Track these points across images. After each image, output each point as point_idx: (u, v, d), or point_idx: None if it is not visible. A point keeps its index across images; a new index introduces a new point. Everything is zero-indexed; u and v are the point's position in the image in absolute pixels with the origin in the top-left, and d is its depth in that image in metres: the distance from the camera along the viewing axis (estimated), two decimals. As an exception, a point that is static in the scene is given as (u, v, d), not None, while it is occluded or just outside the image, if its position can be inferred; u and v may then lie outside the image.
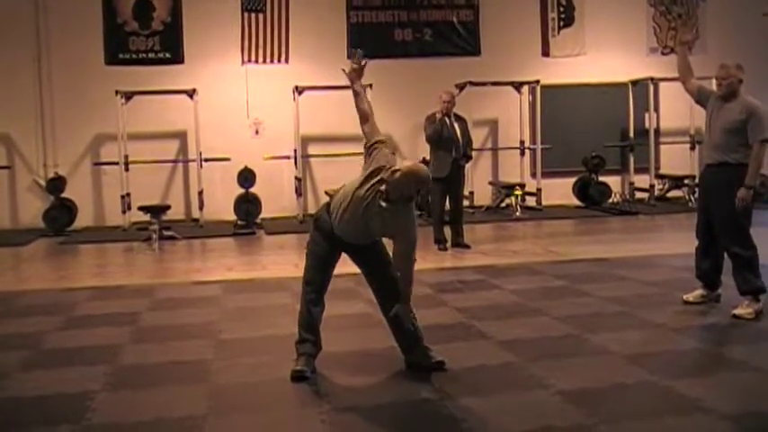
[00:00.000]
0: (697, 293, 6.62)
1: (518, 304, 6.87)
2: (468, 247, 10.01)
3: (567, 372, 4.94)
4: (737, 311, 6.08)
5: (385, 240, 5.03)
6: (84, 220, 13.32)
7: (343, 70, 5.24)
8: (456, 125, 9.94)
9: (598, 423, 4.10)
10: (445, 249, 9.93)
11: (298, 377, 4.90)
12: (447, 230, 10.08)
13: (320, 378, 4.95)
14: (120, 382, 5.00)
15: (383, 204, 4.65)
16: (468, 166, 10.80)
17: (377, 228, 4.77)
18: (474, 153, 11.48)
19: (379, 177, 4.69)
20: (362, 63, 5.12)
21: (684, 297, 6.66)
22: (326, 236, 4.96)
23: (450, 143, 9.83)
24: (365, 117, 4.99)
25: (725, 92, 6.23)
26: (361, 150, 5.06)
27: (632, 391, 4.61)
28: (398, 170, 4.58)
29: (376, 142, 4.88)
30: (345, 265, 5.18)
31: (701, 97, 6.59)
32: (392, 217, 4.68)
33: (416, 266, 4.90)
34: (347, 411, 4.41)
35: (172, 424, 4.28)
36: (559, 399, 4.47)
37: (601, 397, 4.52)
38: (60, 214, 12.81)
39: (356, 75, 5.10)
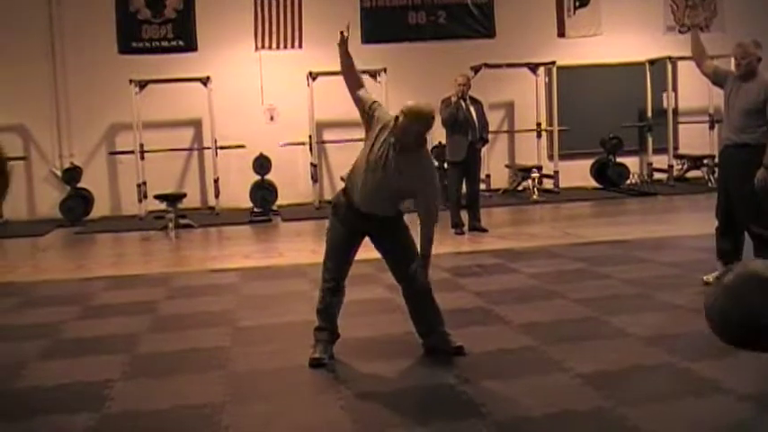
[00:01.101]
0: (717, 274, 6.56)
1: (536, 288, 6.86)
2: (485, 230, 10.00)
3: (586, 355, 4.94)
4: None
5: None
6: (100, 209, 13.39)
7: (342, 32, 5.04)
8: (472, 108, 9.92)
9: (617, 405, 4.10)
10: (462, 233, 9.92)
11: (316, 364, 4.92)
12: (464, 214, 10.06)
13: (338, 364, 4.97)
14: (138, 371, 5.05)
15: (397, 156, 4.66)
16: (484, 149, 10.79)
17: (397, 184, 4.73)
18: (490, 136, 11.46)
19: (387, 130, 4.72)
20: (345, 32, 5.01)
21: (705, 278, 6.62)
22: (345, 221, 4.96)
23: (465, 126, 9.81)
24: (361, 83, 4.99)
25: (744, 71, 6.18)
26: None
27: (651, 374, 4.61)
28: (401, 114, 4.60)
29: (374, 103, 4.89)
30: (364, 251, 5.17)
31: (717, 78, 6.54)
32: (409, 168, 4.68)
33: (435, 251, 4.91)
34: (366, 397, 4.43)
35: (190, 411, 4.31)
36: (579, 381, 4.48)
37: (620, 379, 4.52)
38: (77, 204, 12.88)
39: (342, 43, 5.00)
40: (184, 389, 4.68)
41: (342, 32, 4.98)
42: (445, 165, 10.55)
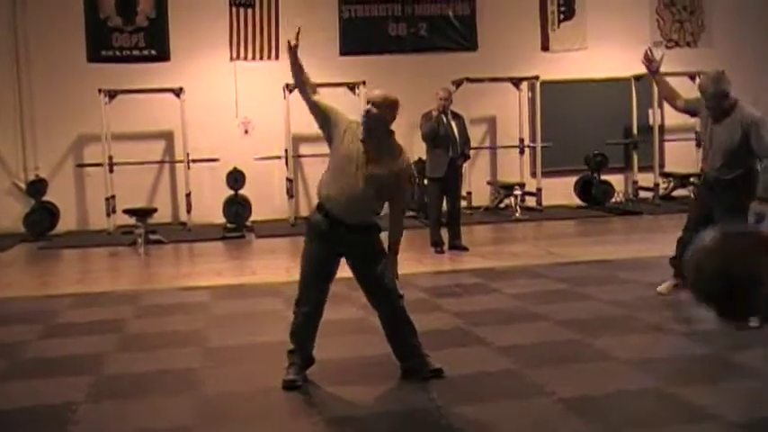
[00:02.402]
0: (669, 284, 6.87)
1: (518, 308, 6.87)
2: (465, 249, 10.01)
3: (568, 378, 4.95)
4: None
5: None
6: (66, 223, 13.28)
7: (289, 41, 5.10)
8: (453, 123, 9.94)
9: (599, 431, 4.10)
10: (442, 252, 9.92)
11: (289, 386, 4.90)
12: (444, 232, 10.07)
13: (312, 387, 4.95)
14: (104, 393, 5.00)
15: (370, 150, 4.78)
16: (465, 165, 10.81)
17: (371, 181, 4.79)
18: (472, 152, 11.48)
19: (352, 130, 4.84)
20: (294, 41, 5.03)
21: (658, 289, 6.89)
22: (323, 240, 4.95)
23: (446, 142, 9.83)
24: (315, 88, 5.07)
25: (716, 115, 6.19)
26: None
27: (636, 399, 4.62)
28: (370, 104, 4.79)
29: (331, 108, 4.97)
30: (338, 270, 5.16)
31: (690, 108, 6.67)
32: (385, 158, 4.83)
33: (413, 270, 4.92)
34: (340, 421, 4.41)
35: (158, 436, 4.27)
36: (561, 407, 4.48)
37: (604, 405, 4.53)
38: (41, 218, 12.78)
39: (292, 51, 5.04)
40: (152, 412, 4.64)
41: (289, 41, 5.05)
42: (425, 181, 10.56)
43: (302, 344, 5.04)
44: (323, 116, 4.94)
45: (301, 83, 5.04)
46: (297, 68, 5.03)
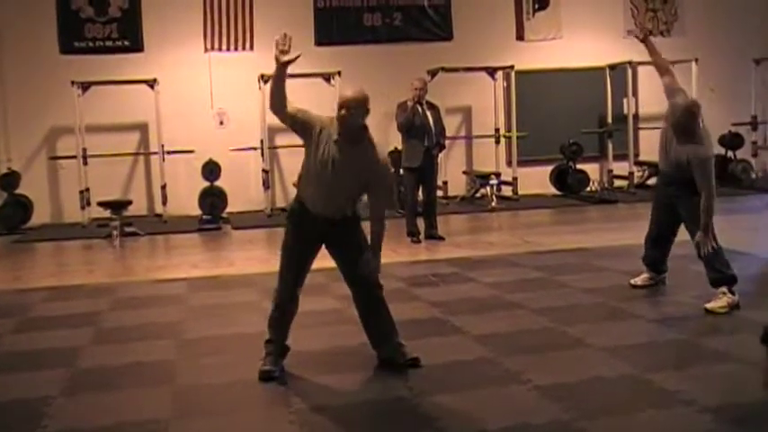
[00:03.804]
0: (645, 277, 6.94)
1: (494, 297, 6.90)
2: (442, 238, 10.03)
3: (544, 366, 4.98)
4: (710, 305, 6.13)
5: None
6: (40, 217, 13.17)
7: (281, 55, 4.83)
8: (428, 113, 9.94)
9: (577, 418, 4.13)
10: (418, 242, 9.95)
11: (266, 377, 4.90)
12: (420, 222, 10.09)
13: (289, 377, 4.95)
14: (80, 386, 4.98)
15: (344, 150, 4.75)
16: (441, 155, 10.83)
17: (351, 178, 4.79)
18: (447, 142, 11.50)
19: (326, 131, 4.78)
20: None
21: (632, 281, 6.97)
22: (301, 227, 4.95)
23: (422, 132, 9.84)
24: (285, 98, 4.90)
25: (682, 141, 6.20)
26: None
27: (611, 385, 4.67)
28: (340, 106, 4.73)
29: (300, 109, 4.86)
30: (316, 261, 5.15)
31: (667, 93, 6.58)
32: (359, 158, 4.78)
33: (389, 260, 4.92)
34: (317, 411, 4.41)
35: (134, 428, 4.25)
36: (536, 394, 4.51)
37: (579, 391, 4.55)
38: (14, 212, 12.65)
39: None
40: (128, 405, 4.63)
41: (279, 58, 4.75)
42: (401, 171, 10.57)
43: (278, 333, 5.03)
44: (301, 126, 4.84)
45: (282, 103, 4.79)
46: (282, 79, 4.77)
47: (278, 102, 4.78)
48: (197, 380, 5.04)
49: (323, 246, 5.04)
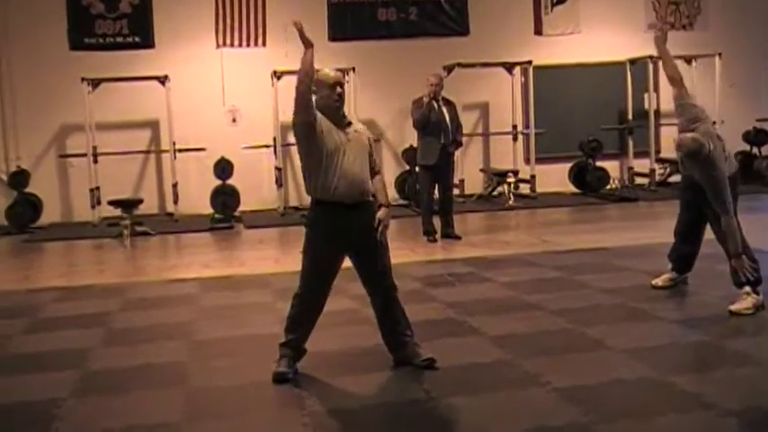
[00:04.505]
0: (666, 277, 6.90)
1: (511, 298, 6.89)
2: (458, 237, 10.02)
3: (562, 368, 4.97)
4: (734, 307, 6.09)
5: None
6: (50, 216, 13.25)
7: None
8: (444, 109, 9.94)
9: (596, 422, 4.12)
10: (435, 241, 9.94)
11: (279, 379, 4.90)
12: (436, 221, 10.08)
13: (303, 379, 4.95)
14: (90, 388, 5.00)
15: (345, 130, 4.97)
16: (457, 152, 10.81)
17: (360, 151, 5.01)
18: (464, 139, 11.49)
19: (327, 123, 4.90)
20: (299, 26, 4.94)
21: (653, 282, 6.93)
22: (324, 232, 4.98)
23: (438, 128, 9.83)
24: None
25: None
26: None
27: (631, 388, 4.64)
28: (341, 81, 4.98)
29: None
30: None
31: (676, 99, 6.57)
32: (356, 131, 5.04)
33: (405, 259, 4.94)
34: (331, 414, 4.42)
35: (145, 431, 4.27)
36: (555, 396, 4.50)
37: (598, 394, 4.54)
38: (24, 210, 12.75)
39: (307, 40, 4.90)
40: (138, 407, 4.64)
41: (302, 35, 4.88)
42: (416, 168, 10.56)
43: (297, 338, 5.03)
44: (311, 118, 4.86)
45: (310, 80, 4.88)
46: (312, 62, 4.84)
47: (306, 78, 4.86)
48: (208, 382, 5.05)
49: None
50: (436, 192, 10.12)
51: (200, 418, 4.44)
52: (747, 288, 6.11)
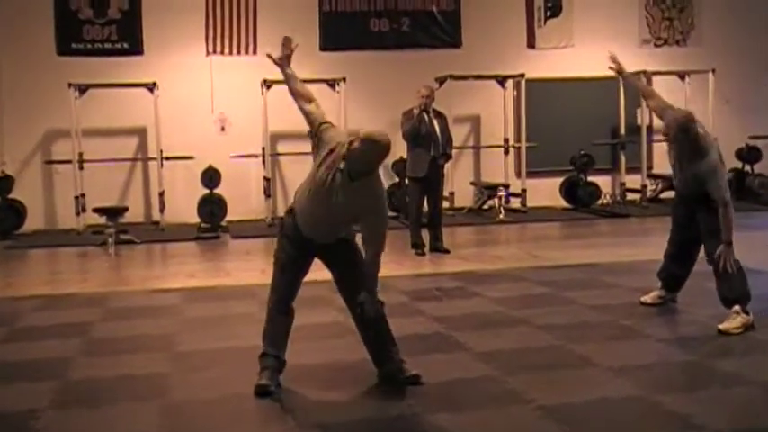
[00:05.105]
0: (655, 294, 6.90)
1: (499, 313, 6.88)
2: (447, 251, 10.02)
3: (547, 385, 4.95)
4: (723, 326, 6.07)
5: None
6: (34, 222, 13.19)
7: (269, 56, 5.20)
8: (435, 122, 9.95)
9: (580, 440, 4.12)
10: (423, 254, 9.93)
11: (262, 392, 4.87)
12: (425, 234, 10.08)
13: (286, 393, 4.92)
14: (69, 400, 4.96)
15: (346, 182, 4.64)
16: (447, 165, 10.82)
17: (343, 210, 4.74)
18: (455, 151, 11.51)
19: (336, 154, 4.68)
20: (293, 47, 5.08)
21: (642, 299, 6.94)
22: (293, 242, 4.96)
23: (428, 141, 9.84)
24: (308, 96, 4.96)
25: (681, 154, 6.25)
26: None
27: (618, 407, 4.64)
28: (356, 139, 4.55)
29: (323, 123, 4.85)
30: (316, 272, 5.15)
31: (660, 115, 6.64)
32: (357, 196, 4.67)
33: (392, 273, 4.91)
34: (314, 429, 4.39)
35: (123, 444, 4.25)
36: (539, 414, 4.48)
37: (584, 413, 4.53)
38: (7, 216, 12.69)
39: (286, 60, 5.08)
40: (117, 419, 4.61)
41: (270, 56, 5.15)
42: (406, 181, 10.56)
43: (274, 347, 5.01)
44: (312, 130, 4.86)
45: (293, 93, 4.98)
46: (286, 79, 5.02)
47: (298, 103, 4.91)
48: (190, 394, 5.02)
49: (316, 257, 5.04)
50: (425, 204, 10.11)
51: (180, 431, 4.41)
52: (737, 307, 6.11)
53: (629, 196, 14.62)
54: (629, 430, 4.28)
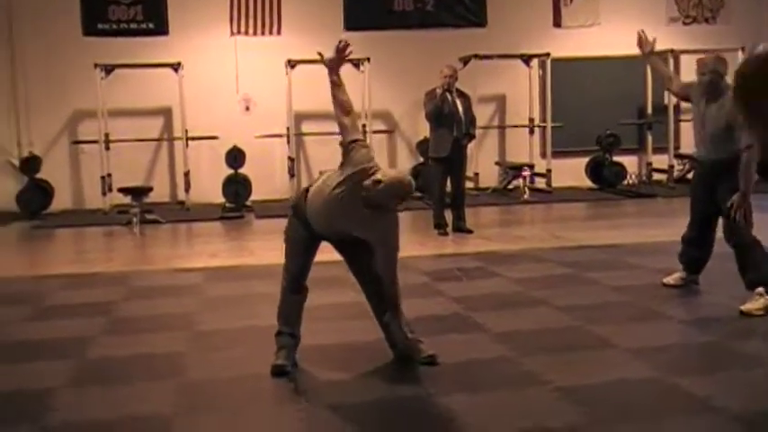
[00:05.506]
0: (677, 276, 6.81)
1: (519, 293, 6.82)
2: (470, 231, 9.96)
3: (566, 366, 4.90)
4: (745, 307, 5.98)
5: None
6: (61, 202, 13.28)
7: (320, 54, 5.13)
8: (458, 102, 9.87)
9: (594, 422, 4.06)
10: (445, 234, 9.88)
11: (278, 372, 4.86)
12: (448, 214, 10.02)
13: (302, 373, 4.91)
14: (86, 378, 4.98)
15: (360, 208, 4.60)
16: (471, 145, 10.74)
17: (353, 229, 4.74)
18: (480, 131, 11.46)
19: (358, 180, 4.60)
20: (347, 51, 4.99)
21: (664, 280, 6.85)
22: (304, 222, 4.94)
23: (451, 121, 9.76)
24: (347, 108, 4.88)
25: (705, 89, 6.25)
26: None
27: (636, 388, 4.57)
28: (380, 182, 4.49)
29: (353, 141, 4.78)
30: (334, 252, 5.12)
31: (684, 91, 6.69)
32: (372, 221, 4.64)
33: (414, 252, 4.87)
34: (328, 409, 4.37)
35: (137, 423, 4.24)
36: (556, 396, 4.43)
37: (601, 394, 4.47)
38: (35, 196, 12.79)
39: (337, 63, 4.96)
40: (134, 398, 4.61)
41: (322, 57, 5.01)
42: (428, 161, 10.51)
43: (288, 325, 5.01)
44: (343, 143, 4.80)
45: (335, 102, 4.88)
46: (332, 85, 4.90)
47: (335, 112, 4.87)
48: (207, 374, 5.02)
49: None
50: (448, 185, 10.05)
51: (194, 410, 4.41)
52: (760, 289, 6.02)
53: (656, 176, 14.46)
54: (646, 412, 4.21)
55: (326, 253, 5.12)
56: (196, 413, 4.38)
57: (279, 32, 13.78)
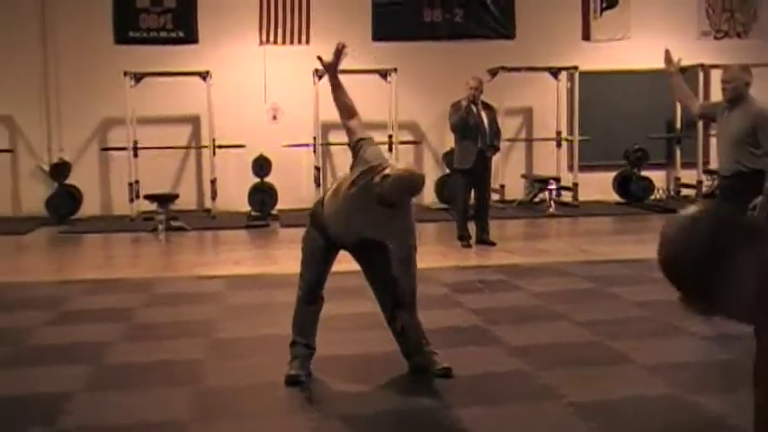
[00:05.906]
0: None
1: (539, 307, 6.79)
2: (493, 244, 9.92)
3: (582, 382, 4.87)
4: None
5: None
6: (89, 208, 13.41)
7: (319, 58, 5.18)
8: (483, 113, 9.85)
9: (608, 439, 4.04)
10: (469, 246, 9.85)
11: (292, 381, 4.87)
12: (471, 226, 10.00)
13: (316, 383, 4.92)
14: (103, 383, 5.02)
15: (374, 205, 4.59)
16: (496, 157, 10.72)
17: (369, 230, 4.75)
18: (507, 144, 11.44)
19: (370, 177, 4.60)
20: (343, 51, 5.03)
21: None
22: (321, 231, 4.95)
23: (475, 132, 9.74)
24: (352, 111, 4.92)
25: (730, 96, 6.24)
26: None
27: (652, 405, 4.53)
28: (388, 176, 4.48)
29: (360, 140, 4.81)
30: (351, 262, 5.13)
31: (706, 113, 6.71)
32: (388, 221, 4.64)
33: (436, 264, 4.87)
34: (340, 419, 4.38)
35: (151, 429, 4.28)
36: (570, 411, 4.40)
37: (615, 411, 4.45)
38: (64, 202, 12.92)
39: (334, 68, 5.02)
40: (150, 404, 4.65)
41: (321, 59, 5.12)
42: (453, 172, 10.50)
43: (303, 335, 5.02)
44: (350, 145, 4.87)
45: (338, 106, 4.96)
46: (333, 88, 4.99)
47: (340, 116, 4.92)
48: (224, 381, 5.04)
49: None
50: (472, 197, 10.03)
51: (209, 417, 4.44)
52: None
53: (684, 192, 14.33)
54: (660, 429, 4.18)
55: (344, 263, 5.13)
56: (210, 420, 4.40)
57: (307, 42, 13.84)
